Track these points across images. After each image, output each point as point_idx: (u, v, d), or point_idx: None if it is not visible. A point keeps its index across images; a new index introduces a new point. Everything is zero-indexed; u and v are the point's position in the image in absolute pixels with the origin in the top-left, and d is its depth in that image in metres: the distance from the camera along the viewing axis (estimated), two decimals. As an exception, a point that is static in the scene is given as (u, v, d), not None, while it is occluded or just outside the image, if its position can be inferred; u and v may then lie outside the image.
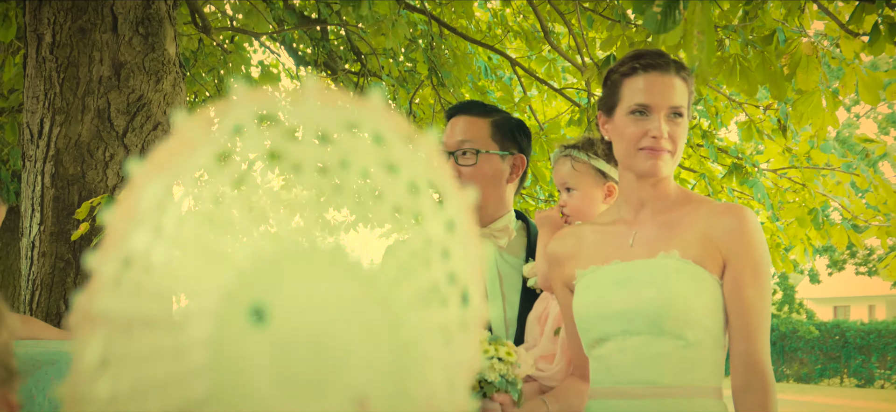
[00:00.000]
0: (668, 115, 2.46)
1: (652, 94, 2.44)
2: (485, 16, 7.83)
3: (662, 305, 2.40)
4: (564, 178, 3.02)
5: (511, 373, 2.46)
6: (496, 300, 3.04)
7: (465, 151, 3.04)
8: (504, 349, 2.46)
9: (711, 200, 2.53)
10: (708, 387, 2.43)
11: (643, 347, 2.43)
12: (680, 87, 2.47)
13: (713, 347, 2.43)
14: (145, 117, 4.57)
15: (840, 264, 37.61)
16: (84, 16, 4.51)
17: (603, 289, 2.53)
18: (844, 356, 31.94)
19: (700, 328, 2.40)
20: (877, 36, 3.92)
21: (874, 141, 5.27)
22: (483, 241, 3.08)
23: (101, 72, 4.50)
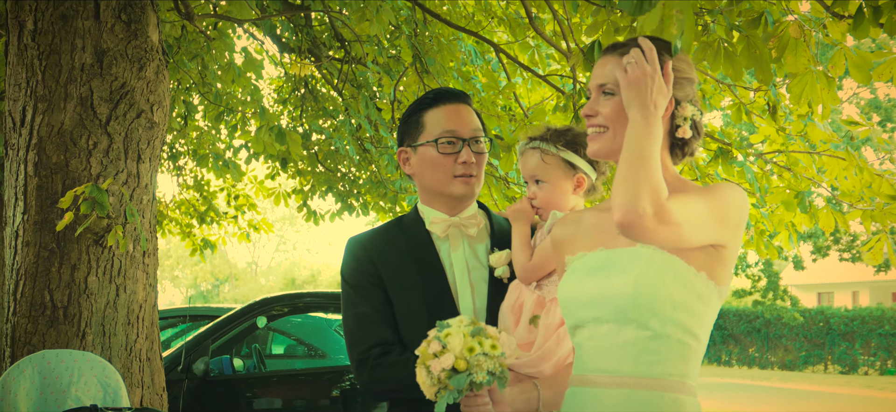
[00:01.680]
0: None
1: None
2: (469, 1, 7.81)
3: (629, 294, 2.38)
4: (533, 171, 3.02)
5: (498, 367, 2.44)
6: (466, 290, 3.05)
7: (478, 140, 3.08)
8: (489, 343, 2.44)
9: (705, 187, 2.51)
10: (672, 380, 2.40)
11: (611, 335, 2.43)
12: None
13: (682, 340, 2.40)
14: (129, 105, 4.54)
15: (824, 250, 37.77)
16: (66, 3, 4.48)
17: (582, 275, 2.53)
18: (828, 343, 32.11)
19: (668, 320, 2.37)
20: (861, 19, 3.93)
21: (859, 123, 5.28)
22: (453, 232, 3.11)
23: (83, 59, 4.48)
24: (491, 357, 2.43)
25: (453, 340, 2.44)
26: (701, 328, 2.44)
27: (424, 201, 3.13)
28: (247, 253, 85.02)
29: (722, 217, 2.37)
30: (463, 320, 2.50)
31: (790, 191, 6.06)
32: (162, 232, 12.85)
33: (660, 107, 2.32)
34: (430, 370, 2.44)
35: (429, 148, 3.06)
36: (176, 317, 10.49)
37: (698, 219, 2.33)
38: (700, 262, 2.40)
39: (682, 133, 2.47)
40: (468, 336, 2.45)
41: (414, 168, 3.11)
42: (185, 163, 12.28)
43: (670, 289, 2.37)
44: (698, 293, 2.40)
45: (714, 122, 21.05)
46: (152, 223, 4.72)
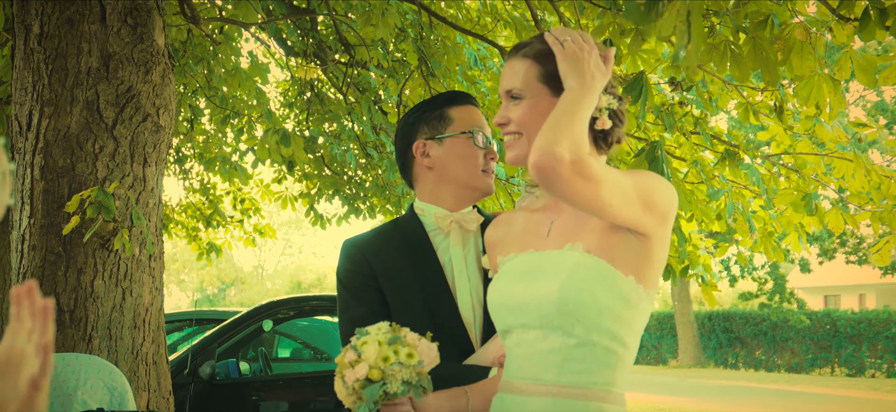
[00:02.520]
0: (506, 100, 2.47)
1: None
2: (475, 4, 7.81)
3: (554, 300, 2.32)
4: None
5: (414, 376, 2.38)
6: (464, 287, 3.05)
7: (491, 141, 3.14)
8: (405, 351, 2.38)
9: (631, 170, 2.45)
10: (597, 389, 2.32)
11: (536, 342, 2.36)
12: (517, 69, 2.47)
13: (609, 348, 2.32)
14: (134, 108, 4.55)
15: (830, 253, 37.72)
16: (72, 6, 4.48)
17: (511, 278, 2.48)
18: (835, 345, 32.05)
19: (593, 327, 2.30)
20: (867, 21, 3.92)
21: (866, 125, 5.27)
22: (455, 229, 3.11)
23: (89, 63, 4.48)
24: (407, 366, 2.37)
25: (368, 349, 2.38)
26: (629, 335, 2.36)
27: (429, 198, 3.13)
28: (253, 257, 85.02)
29: (647, 200, 2.29)
30: (382, 328, 2.45)
31: (798, 192, 6.04)
32: (168, 236, 12.88)
33: (597, 80, 2.28)
34: (346, 380, 2.38)
35: (460, 140, 3.09)
36: (182, 320, 10.51)
37: (620, 188, 2.23)
38: (628, 265, 2.33)
39: (601, 124, 2.40)
40: (384, 344, 2.39)
41: (435, 160, 3.10)
42: (192, 166, 12.30)
43: (596, 295, 2.30)
44: (626, 298, 2.33)
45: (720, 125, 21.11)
46: (158, 227, 4.72)
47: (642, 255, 2.34)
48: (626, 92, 4.36)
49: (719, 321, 35.59)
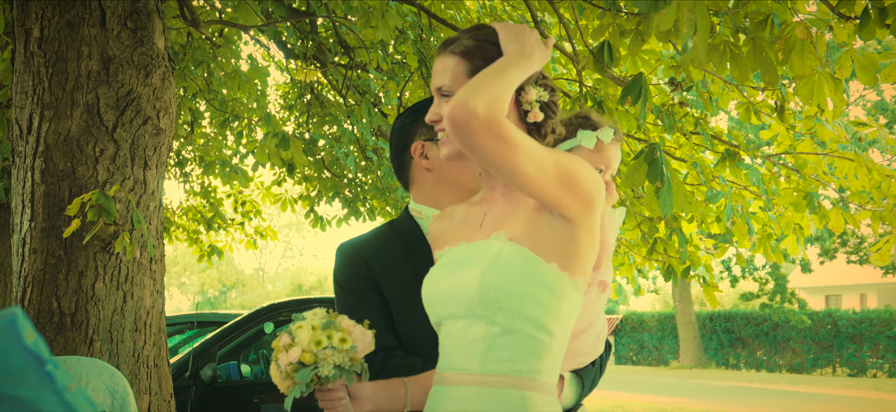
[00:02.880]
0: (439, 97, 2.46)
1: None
2: (474, 6, 7.81)
3: (476, 289, 2.32)
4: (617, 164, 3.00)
5: (347, 360, 2.39)
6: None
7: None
8: (338, 336, 2.39)
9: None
10: (522, 377, 2.30)
11: (463, 332, 2.37)
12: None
13: (532, 335, 2.31)
14: (135, 112, 4.55)
15: (831, 253, 37.71)
16: (72, 10, 4.49)
17: (442, 270, 2.50)
18: (837, 345, 32.06)
19: (515, 314, 2.29)
20: (867, 20, 3.93)
21: (867, 125, 5.27)
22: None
23: (89, 66, 4.48)
24: (339, 351, 2.38)
25: (302, 333, 2.39)
26: (555, 323, 2.34)
27: (426, 200, 3.09)
28: (254, 259, 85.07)
29: (567, 180, 2.26)
30: (318, 313, 2.47)
31: (798, 192, 6.04)
32: (169, 238, 12.88)
33: (536, 54, 2.29)
34: (279, 364, 2.40)
35: None
36: (183, 323, 10.51)
37: (537, 160, 2.21)
38: (551, 252, 2.31)
39: (532, 117, 2.40)
40: (318, 329, 2.40)
41: (434, 162, 3.06)
42: (192, 169, 12.31)
43: (516, 282, 2.29)
44: (549, 285, 2.31)
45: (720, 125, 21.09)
46: (159, 230, 4.72)
47: (567, 242, 2.33)
48: (625, 94, 4.37)
49: (720, 321, 35.59)
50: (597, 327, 2.91)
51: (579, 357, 2.91)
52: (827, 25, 4.24)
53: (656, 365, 37.95)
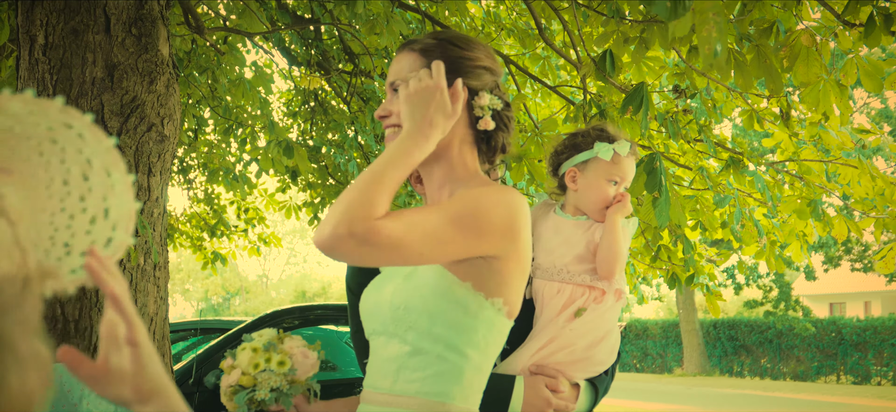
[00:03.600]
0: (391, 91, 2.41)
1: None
2: (479, 12, 7.81)
3: (387, 304, 2.27)
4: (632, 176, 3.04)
5: (285, 384, 2.34)
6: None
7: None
8: (277, 358, 2.35)
9: (487, 185, 2.29)
10: (430, 400, 2.20)
11: (380, 348, 2.32)
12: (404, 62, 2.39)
13: (444, 356, 2.20)
14: (139, 119, 4.55)
15: (835, 261, 37.65)
16: (77, 17, 4.49)
17: (374, 283, 2.46)
18: (841, 353, 31.98)
19: (425, 334, 2.20)
20: (872, 27, 3.92)
21: (870, 131, 5.26)
22: None
23: (94, 73, 4.48)
24: (276, 374, 2.33)
25: (242, 356, 2.36)
26: (469, 345, 2.22)
27: None
28: (257, 266, 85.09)
29: (474, 229, 2.13)
30: (265, 334, 2.43)
31: (802, 200, 6.04)
32: (173, 245, 12.89)
33: (436, 126, 2.17)
34: (221, 386, 2.38)
35: None
36: (187, 330, 10.50)
37: (431, 233, 2.07)
38: (465, 272, 2.20)
39: (484, 124, 2.33)
40: (259, 351, 2.36)
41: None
42: (196, 176, 12.31)
43: (426, 301, 2.20)
44: (462, 305, 2.20)
45: (724, 132, 21.01)
46: (163, 236, 4.72)
47: (484, 267, 2.22)
48: (627, 103, 4.37)
49: (724, 329, 35.54)
50: (613, 336, 2.92)
51: (596, 366, 2.90)
52: (832, 32, 4.24)
53: (660, 372, 37.89)
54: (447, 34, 2.40)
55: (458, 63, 2.34)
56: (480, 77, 2.36)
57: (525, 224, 2.23)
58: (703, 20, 2.56)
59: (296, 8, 7.56)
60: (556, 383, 2.82)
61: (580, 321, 2.86)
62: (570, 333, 2.85)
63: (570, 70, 7.40)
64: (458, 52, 2.36)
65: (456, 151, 2.35)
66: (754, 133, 29.66)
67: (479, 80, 2.36)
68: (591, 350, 2.85)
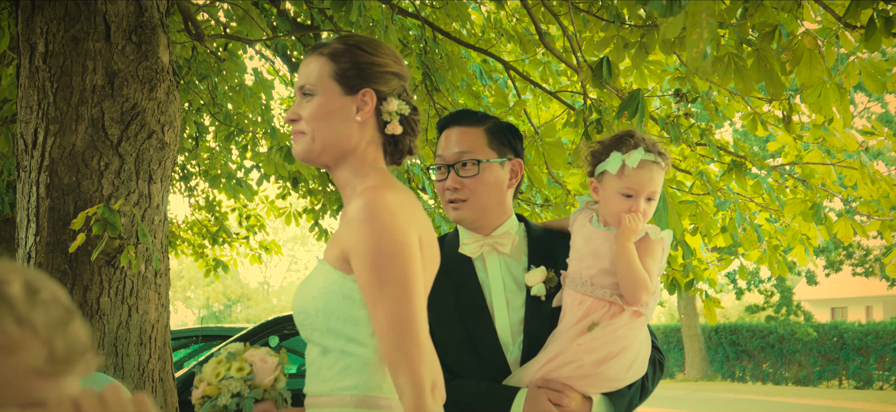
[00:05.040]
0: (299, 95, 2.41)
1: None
2: (480, 19, 7.81)
3: (295, 312, 2.32)
4: (655, 187, 2.93)
5: (245, 388, 2.37)
6: (502, 308, 3.01)
7: (465, 163, 3.03)
8: (236, 365, 2.39)
9: (374, 189, 2.28)
10: (344, 395, 2.23)
11: (308, 354, 2.37)
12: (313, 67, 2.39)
13: (346, 351, 2.24)
14: (140, 126, 4.55)
15: (837, 265, 37.61)
16: (77, 25, 4.49)
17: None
18: (843, 358, 31.94)
19: (327, 332, 2.24)
20: (873, 30, 3.92)
21: (873, 133, 5.25)
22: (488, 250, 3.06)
23: (94, 81, 4.48)
24: (236, 380, 2.37)
25: (207, 368, 2.42)
26: (367, 335, 2.25)
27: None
28: (259, 273, 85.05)
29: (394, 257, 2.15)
30: (232, 347, 2.48)
31: (805, 203, 6.02)
32: (174, 252, 12.88)
33: None
34: (192, 400, 2.43)
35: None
36: (188, 337, 10.50)
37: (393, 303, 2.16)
38: (349, 266, 2.23)
39: (392, 129, 2.37)
40: (221, 361, 2.42)
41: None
42: (197, 183, 12.31)
43: (317, 300, 2.26)
44: (351, 298, 2.24)
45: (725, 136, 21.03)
46: (164, 243, 4.71)
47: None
48: (622, 109, 4.36)
49: (726, 334, 35.51)
50: (630, 353, 2.87)
51: (610, 382, 2.87)
52: (833, 35, 4.23)
53: (662, 378, 37.86)
54: (355, 38, 2.42)
55: (367, 69, 2.36)
56: (389, 82, 2.39)
57: (407, 219, 2.21)
58: (694, 22, 2.55)
59: (296, 14, 7.56)
60: (560, 397, 2.81)
61: (590, 336, 2.82)
62: (577, 349, 2.82)
63: (570, 75, 7.39)
64: (367, 57, 2.38)
65: (361, 153, 2.38)
66: (755, 137, 29.64)
67: (387, 86, 2.38)
68: (600, 366, 2.82)
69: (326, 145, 2.36)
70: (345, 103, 2.34)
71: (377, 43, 2.44)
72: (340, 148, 2.35)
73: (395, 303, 2.12)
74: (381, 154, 2.42)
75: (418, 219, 2.26)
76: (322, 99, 2.36)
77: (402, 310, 2.12)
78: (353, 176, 2.37)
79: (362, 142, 2.36)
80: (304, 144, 2.38)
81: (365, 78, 2.34)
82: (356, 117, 2.33)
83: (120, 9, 4.54)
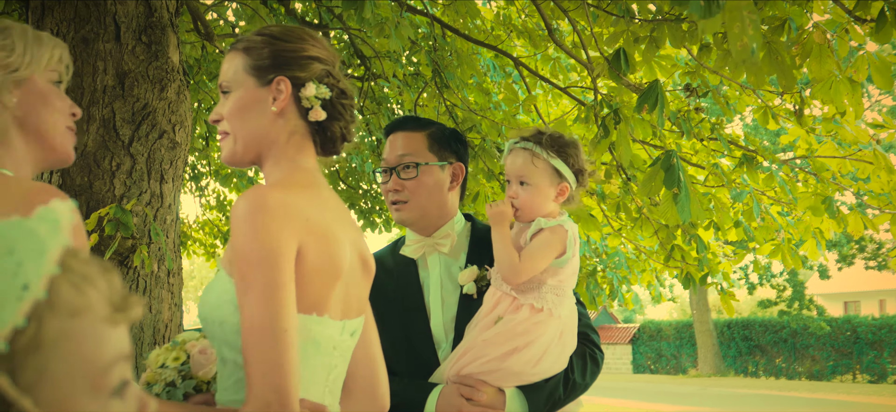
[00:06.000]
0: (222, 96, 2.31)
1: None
2: (490, 14, 7.80)
3: (199, 316, 2.18)
4: (520, 171, 3.00)
5: (178, 378, 2.34)
6: (437, 307, 3.12)
7: (406, 166, 3.15)
8: (173, 355, 2.37)
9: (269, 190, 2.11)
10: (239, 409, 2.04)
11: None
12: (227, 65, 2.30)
13: (239, 362, 2.08)
14: (150, 126, 4.56)
15: (849, 259, 37.50)
16: (87, 26, 4.50)
17: None
18: (856, 352, 31.85)
19: (223, 343, 2.11)
20: (883, 23, 3.91)
21: (885, 126, 5.23)
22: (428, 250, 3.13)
23: (105, 81, 4.50)
24: (170, 368, 2.36)
25: (151, 354, 2.43)
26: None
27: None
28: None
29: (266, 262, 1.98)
30: (180, 336, 2.48)
31: (816, 196, 6.01)
32: (186, 252, 12.91)
33: None
34: (138, 384, 2.44)
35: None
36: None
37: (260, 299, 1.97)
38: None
39: (314, 115, 2.23)
40: (163, 351, 2.41)
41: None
42: (208, 183, 12.34)
43: (214, 310, 2.11)
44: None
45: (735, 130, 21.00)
46: (177, 243, 4.73)
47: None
48: (642, 101, 4.35)
49: (738, 329, 35.44)
50: (535, 348, 2.89)
51: (517, 376, 2.91)
52: (843, 29, 4.22)
53: (674, 373, 37.79)
54: (270, 29, 2.32)
55: (281, 56, 2.25)
56: (306, 67, 2.26)
57: (284, 223, 2.04)
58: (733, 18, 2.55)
59: (304, 13, 7.57)
60: (473, 392, 2.88)
61: (493, 331, 2.89)
62: (483, 344, 2.89)
63: (580, 70, 7.38)
64: (281, 45, 2.27)
65: (282, 147, 2.25)
66: (765, 131, 29.54)
67: (304, 71, 2.26)
68: (505, 360, 2.86)
69: (247, 143, 2.25)
70: (260, 95, 2.23)
71: (294, 29, 2.34)
72: (260, 144, 2.25)
73: (255, 310, 1.94)
74: (309, 144, 2.29)
75: (307, 223, 2.09)
76: (238, 94, 2.26)
77: (261, 319, 1.93)
78: (277, 171, 2.26)
79: (283, 134, 2.24)
80: (228, 146, 2.27)
81: (278, 66, 2.24)
82: (272, 108, 2.22)
83: (130, 9, 4.56)
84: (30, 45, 2.20)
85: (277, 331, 1.93)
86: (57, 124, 2.24)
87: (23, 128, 2.17)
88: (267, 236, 1.98)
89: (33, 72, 2.19)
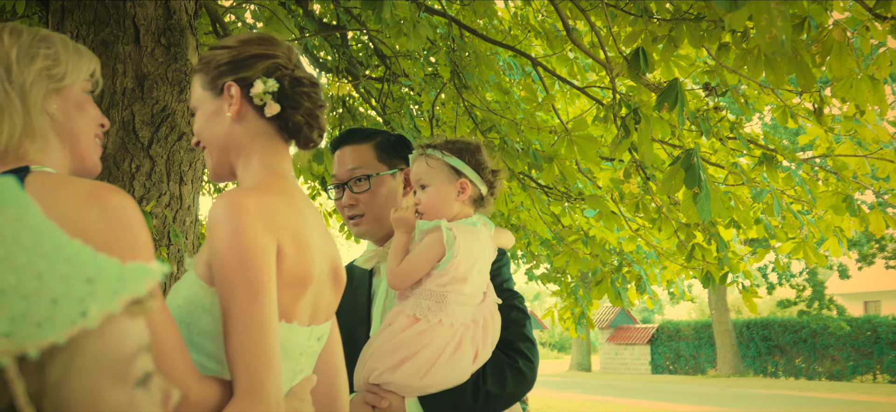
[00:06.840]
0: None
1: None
2: (507, 15, 7.80)
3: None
4: (418, 175, 3.00)
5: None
6: (377, 317, 3.13)
7: (358, 179, 3.15)
8: None
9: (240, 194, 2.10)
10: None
11: None
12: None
13: (205, 366, 2.05)
14: (170, 128, 4.57)
15: (870, 258, 37.28)
16: (106, 28, 4.52)
17: None
18: (877, 352, 31.67)
19: (195, 348, 2.06)
20: (904, 20, 3.88)
21: (903, 123, 5.20)
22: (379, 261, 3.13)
23: (124, 84, 4.51)
24: None
25: None
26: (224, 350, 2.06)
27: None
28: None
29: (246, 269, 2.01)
30: None
31: (837, 195, 5.98)
32: (204, 254, 12.94)
33: None
34: None
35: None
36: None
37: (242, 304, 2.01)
38: (212, 276, 2.06)
39: (269, 111, 2.23)
40: None
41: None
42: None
43: (181, 312, 2.09)
44: (211, 312, 2.07)
45: (755, 129, 20.88)
46: (196, 244, 4.74)
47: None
48: (661, 100, 4.34)
49: (758, 329, 35.30)
50: (421, 359, 2.83)
51: (404, 388, 2.86)
52: (863, 26, 4.19)
53: (693, 374, 37.67)
54: (221, 42, 2.35)
55: (228, 63, 2.28)
56: (252, 66, 2.27)
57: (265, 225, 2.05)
58: (761, 9, 2.54)
59: (322, 14, 7.58)
60: (376, 399, 2.86)
61: (378, 341, 2.89)
62: (372, 355, 2.88)
63: (598, 70, 7.37)
64: (224, 54, 2.29)
65: (247, 152, 2.27)
66: (784, 130, 29.41)
67: (250, 71, 2.26)
68: (395, 372, 2.83)
69: (219, 154, 2.28)
70: (217, 106, 2.26)
71: (238, 36, 2.35)
72: (228, 152, 2.27)
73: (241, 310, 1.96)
74: (279, 144, 2.30)
75: (284, 227, 2.10)
76: (201, 110, 2.30)
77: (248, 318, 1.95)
78: (250, 175, 2.27)
79: (246, 138, 2.26)
80: (209, 163, 2.32)
81: (224, 73, 2.26)
82: (227, 114, 2.24)
83: (149, 12, 4.57)
84: (71, 55, 2.24)
85: (264, 328, 1.96)
86: (88, 133, 2.26)
87: (60, 135, 2.19)
88: (248, 237, 2.00)
89: (74, 81, 2.22)
